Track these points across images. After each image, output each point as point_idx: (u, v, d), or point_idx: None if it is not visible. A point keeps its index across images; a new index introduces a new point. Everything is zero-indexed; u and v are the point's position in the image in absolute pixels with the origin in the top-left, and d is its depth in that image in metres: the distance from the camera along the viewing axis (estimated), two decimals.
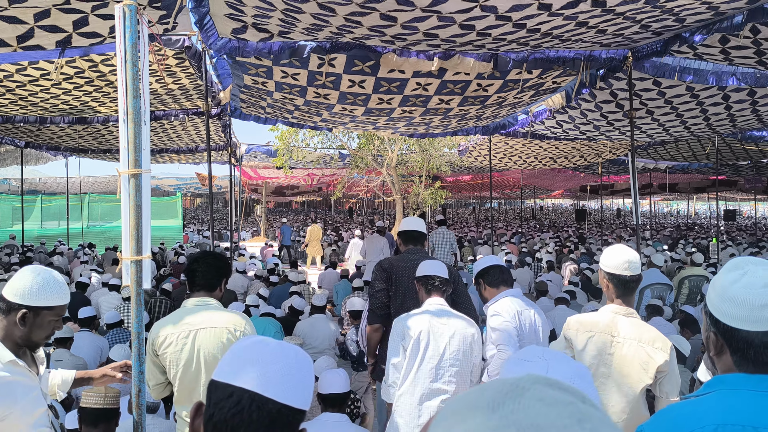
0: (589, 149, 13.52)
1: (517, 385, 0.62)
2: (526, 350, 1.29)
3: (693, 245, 15.63)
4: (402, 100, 7.42)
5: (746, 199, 34.67)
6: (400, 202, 16.69)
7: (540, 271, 11.07)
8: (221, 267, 3.09)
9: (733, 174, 20.54)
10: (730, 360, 1.47)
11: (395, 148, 15.30)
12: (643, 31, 5.28)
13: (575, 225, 28.18)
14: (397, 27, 5.13)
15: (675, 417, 1.45)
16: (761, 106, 8.42)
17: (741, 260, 1.50)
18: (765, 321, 1.40)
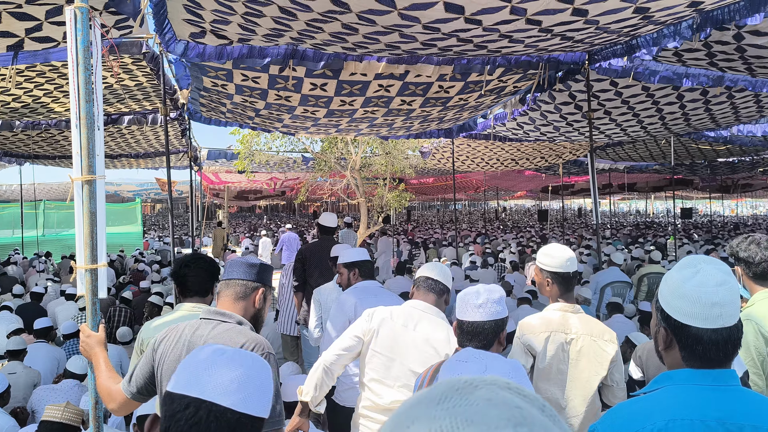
0: (550, 150, 13.73)
1: (470, 383, 0.64)
2: (464, 352, 1.31)
3: (651, 243, 16.00)
4: (364, 101, 7.41)
5: (702, 197, 35.73)
6: (364, 205, 16.67)
7: (504, 272, 11.18)
8: (213, 271, 3.02)
9: (689, 173, 21.12)
10: (679, 355, 1.50)
11: (359, 150, 15.28)
12: (601, 32, 5.37)
13: (538, 225, 28.58)
14: (359, 36, 5.13)
15: (626, 414, 1.47)
16: (714, 105, 8.67)
17: (694, 259, 1.53)
18: (714, 318, 1.43)
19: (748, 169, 19.59)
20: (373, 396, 2.90)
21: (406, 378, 2.83)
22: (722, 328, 1.44)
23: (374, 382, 2.89)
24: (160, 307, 7.27)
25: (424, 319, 2.89)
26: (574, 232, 22.30)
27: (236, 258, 2.54)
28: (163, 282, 10.57)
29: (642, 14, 4.63)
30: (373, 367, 2.89)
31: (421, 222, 42.17)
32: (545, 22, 4.70)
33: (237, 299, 2.40)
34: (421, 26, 4.73)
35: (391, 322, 2.89)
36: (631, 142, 12.72)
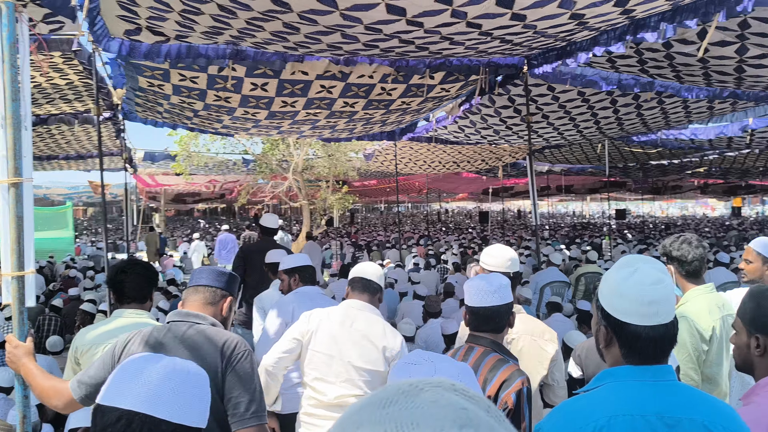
0: (490, 153, 13.98)
1: (417, 385, 0.64)
2: (413, 354, 1.31)
3: (588, 244, 16.52)
4: (306, 102, 7.35)
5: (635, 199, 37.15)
6: (307, 208, 16.54)
7: (446, 273, 11.30)
8: (151, 277, 2.97)
9: (623, 176, 21.93)
10: (619, 353, 1.54)
11: (301, 153, 15.15)
12: (538, 36, 5.50)
13: (479, 227, 29.07)
14: (300, 36, 5.08)
15: (570, 412, 1.50)
16: (645, 110, 9.02)
17: (632, 258, 1.57)
18: (652, 316, 1.48)
19: (677, 171, 20.51)
20: (317, 394, 2.95)
21: (347, 373, 2.89)
22: (659, 325, 1.49)
23: (317, 381, 2.95)
24: (93, 315, 6.99)
25: (360, 316, 2.99)
26: (514, 233, 22.79)
27: (207, 266, 2.52)
28: (97, 289, 10.16)
29: (577, 20, 4.76)
30: (315, 367, 2.95)
31: (365, 224, 42.18)
32: (485, 25, 4.77)
33: (205, 305, 2.38)
34: (363, 27, 4.73)
35: (328, 321, 2.97)
36: (567, 146, 13.11)
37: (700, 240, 3.00)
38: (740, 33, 5.25)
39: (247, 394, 2.20)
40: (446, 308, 7.10)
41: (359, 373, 2.90)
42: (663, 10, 4.78)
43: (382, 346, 2.91)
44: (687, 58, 6.16)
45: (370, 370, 2.90)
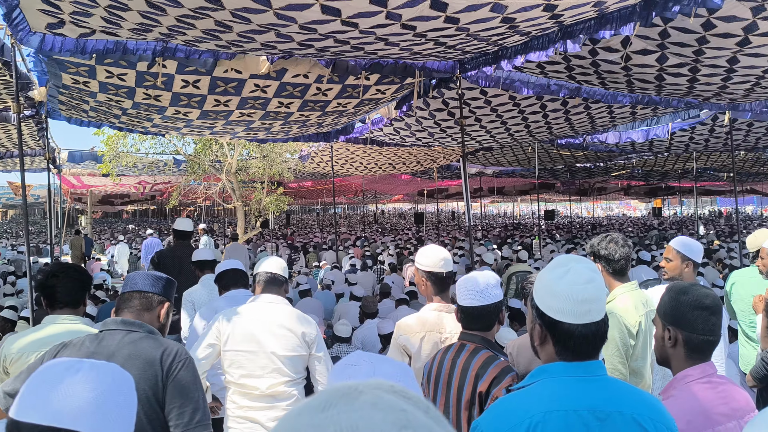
0: (425, 155, 14.14)
1: (356, 388, 0.64)
2: (352, 355, 1.31)
3: (519, 243, 16.94)
4: (240, 102, 7.22)
5: (562, 200, 38.43)
6: (241, 209, 16.25)
7: (383, 274, 11.35)
8: (85, 281, 2.89)
9: (551, 177, 22.65)
10: (553, 350, 1.59)
11: (235, 153, 14.87)
12: (471, 39, 5.60)
13: (414, 228, 29.36)
14: (233, 34, 4.99)
15: (506, 408, 1.54)
16: (573, 115, 9.35)
17: (565, 258, 1.63)
18: (584, 314, 1.53)
19: (602, 173, 21.37)
20: (248, 390, 3.04)
21: (273, 363, 3.03)
22: (591, 323, 1.55)
23: (245, 378, 3.04)
24: (14, 322, 6.63)
25: (274, 308, 3.14)
26: (448, 234, 23.13)
27: (142, 271, 2.43)
28: (18, 295, 9.64)
29: (508, 24, 4.88)
30: (240, 365, 3.04)
31: (301, 226, 41.84)
32: (419, 27, 4.83)
33: (141, 312, 2.30)
34: (298, 26, 4.69)
35: (244, 320, 3.07)
36: (499, 148, 13.42)
37: (625, 239, 3.13)
38: (660, 42, 5.52)
39: (191, 403, 2.15)
40: (383, 308, 7.13)
41: (284, 362, 3.05)
42: (590, 17, 4.96)
43: (301, 332, 3.10)
44: (611, 66, 6.42)
45: (293, 356, 3.07)
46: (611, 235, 3.13)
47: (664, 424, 1.53)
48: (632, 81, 6.98)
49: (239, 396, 3.06)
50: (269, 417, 3.01)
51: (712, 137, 11.86)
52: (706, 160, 16.78)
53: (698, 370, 1.91)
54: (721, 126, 10.39)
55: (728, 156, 14.81)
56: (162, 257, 6.05)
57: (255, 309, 3.13)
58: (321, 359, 3.19)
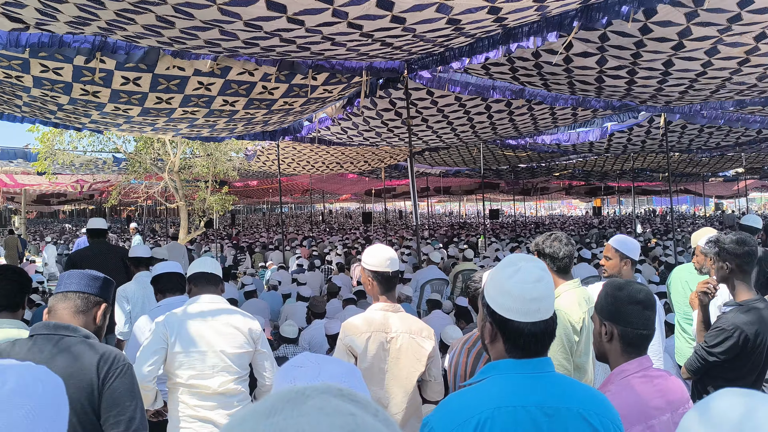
0: (373, 155, 14.16)
1: (302, 392, 0.62)
2: (298, 357, 1.29)
3: (465, 242, 17.17)
4: (183, 99, 7.04)
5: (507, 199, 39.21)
6: (184, 209, 15.87)
7: (330, 274, 11.30)
8: (24, 282, 2.75)
9: (496, 177, 23.06)
10: (503, 347, 1.61)
11: (178, 151, 14.50)
12: (417, 40, 5.63)
13: (362, 227, 29.36)
14: (176, 30, 4.86)
15: (457, 405, 1.55)
16: (516, 116, 9.54)
17: (515, 257, 1.65)
18: (533, 313, 1.56)
19: (545, 174, 21.90)
20: (199, 389, 3.06)
21: (222, 362, 3.08)
22: (540, 321, 1.58)
23: (194, 378, 3.05)
24: None
25: (215, 307, 3.18)
26: (396, 233, 23.23)
27: (77, 270, 2.30)
28: None
29: (454, 25, 4.93)
30: (190, 366, 3.05)
31: (247, 226, 41.20)
32: (366, 26, 4.82)
33: (76, 314, 2.19)
34: (243, 23, 4.61)
35: (189, 321, 3.09)
36: (446, 148, 13.58)
37: (568, 238, 3.20)
38: (600, 45, 5.69)
39: (127, 412, 2.08)
40: (330, 308, 7.09)
41: (233, 360, 3.10)
42: (533, 21, 5.06)
43: (248, 329, 3.17)
44: (554, 68, 6.58)
45: (241, 354, 3.14)
46: (555, 234, 3.19)
47: (608, 418, 1.57)
48: (574, 83, 7.18)
49: (189, 396, 3.06)
50: (222, 414, 3.07)
51: (648, 139, 12.32)
52: (643, 161, 17.42)
53: (634, 364, 1.97)
54: (657, 128, 10.81)
55: (663, 157, 15.41)
56: (80, 257, 5.84)
57: (198, 310, 3.14)
58: (266, 354, 3.27)
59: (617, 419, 1.60)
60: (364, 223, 25.35)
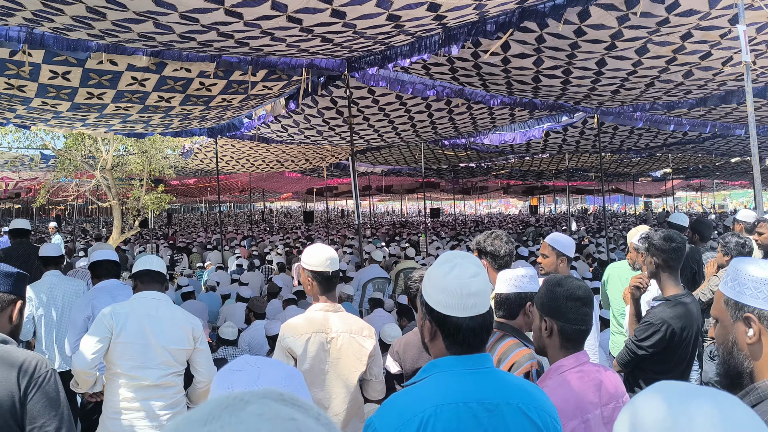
0: (314, 153, 14.06)
1: (241, 398, 0.60)
2: (237, 360, 1.26)
3: (406, 241, 17.28)
4: (116, 95, 6.78)
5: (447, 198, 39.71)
6: (117, 208, 15.32)
7: (271, 274, 11.15)
8: None
9: (437, 177, 23.31)
10: (443, 344, 1.62)
11: (110, 148, 13.98)
12: (358, 37, 5.61)
13: (304, 226, 29.12)
14: (107, 23, 4.67)
15: (399, 404, 1.55)
16: (456, 116, 9.66)
17: (451, 254, 1.66)
18: (471, 307, 1.57)
19: (484, 173, 22.30)
20: (138, 380, 3.19)
21: (162, 356, 3.23)
22: (478, 316, 1.59)
23: (136, 369, 3.19)
24: None
25: (161, 305, 3.34)
26: (338, 232, 23.16)
27: None
28: None
29: (394, 22, 4.93)
30: (131, 356, 3.18)
31: (184, 225, 40.24)
32: (306, 21, 4.76)
33: None
34: (179, 15, 4.47)
35: (135, 314, 3.24)
36: (387, 147, 13.62)
37: (508, 236, 3.26)
38: (537, 47, 5.83)
39: (54, 421, 1.98)
40: (271, 309, 6.99)
41: (173, 354, 3.26)
42: (472, 21, 5.13)
43: (190, 327, 3.33)
44: (492, 68, 6.70)
45: (181, 350, 3.30)
46: (496, 232, 3.24)
47: (546, 412, 1.60)
48: (511, 83, 7.32)
49: (127, 386, 3.19)
50: (158, 406, 3.22)
51: (582, 139, 12.73)
52: (577, 161, 17.99)
53: (572, 359, 2.03)
54: (591, 129, 11.17)
55: (596, 157, 15.95)
56: (1, 258, 5.82)
57: (143, 305, 3.29)
58: (203, 353, 3.42)
59: (554, 413, 1.64)
60: (306, 222, 25.17)
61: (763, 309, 1.42)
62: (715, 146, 14.68)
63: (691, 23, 5.08)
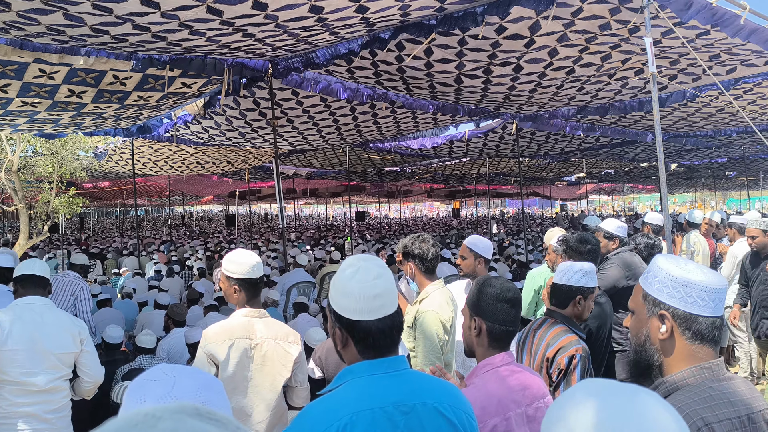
0: (236, 155, 13.76)
1: (153, 414, 0.57)
2: (152, 370, 1.19)
3: (331, 244, 17.21)
4: (21, 88, 6.36)
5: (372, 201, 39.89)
6: (25, 212, 14.42)
7: (191, 279, 10.81)
8: None
9: (362, 180, 23.36)
10: (355, 350, 1.60)
11: (17, 149, 13.16)
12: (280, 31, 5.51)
13: (226, 230, 28.45)
14: (11, 14, 4.38)
15: (315, 414, 1.52)
16: (380, 119, 9.71)
17: (353, 258, 1.65)
18: (378, 309, 1.56)
19: (408, 177, 22.54)
20: (27, 386, 3.17)
21: (49, 361, 3.24)
22: (386, 317, 1.58)
23: (23, 375, 3.17)
24: None
25: (45, 310, 3.33)
26: (262, 236, 22.78)
27: None
28: None
29: (317, 14, 4.83)
30: (19, 364, 3.16)
31: (98, 230, 38.55)
32: (227, 12, 4.62)
33: None
34: (90, 5, 4.23)
35: (20, 320, 3.21)
36: (312, 150, 13.52)
37: (434, 239, 3.29)
38: (459, 50, 5.93)
39: None
40: (191, 316, 6.77)
41: (60, 358, 3.28)
42: (397, 24, 5.15)
43: (77, 331, 3.37)
44: (416, 72, 6.77)
45: (68, 353, 3.33)
46: (422, 236, 3.27)
47: (462, 410, 1.62)
48: (434, 86, 7.43)
49: (13, 393, 3.16)
50: (45, 410, 3.23)
51: (502, 144, 13.10)
52: (497, 165, 18.50)
53: (498, 358, 2.07)
54: (510, 134, 11.52)
55: (515, 162, 16.45)
56: None
57: (28, 310, 3.27)
58: (90, 354, 3.46)
59: (470, 411, 1.65)
60: (228, 226, 24.61)
61: (678, 308, 1.48)
62: (625, 152, 15.48)
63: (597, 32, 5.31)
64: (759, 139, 11.75)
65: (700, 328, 1.47)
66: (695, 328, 1.48)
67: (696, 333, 1.48)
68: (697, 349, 1.48)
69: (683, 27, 5.05)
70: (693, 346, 1.49)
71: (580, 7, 4.78)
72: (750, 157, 17.27)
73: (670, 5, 4.44)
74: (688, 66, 6.62)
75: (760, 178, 24.08)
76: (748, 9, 4.69)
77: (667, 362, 1.52)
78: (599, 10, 4.89)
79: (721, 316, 1.51)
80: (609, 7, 4.83)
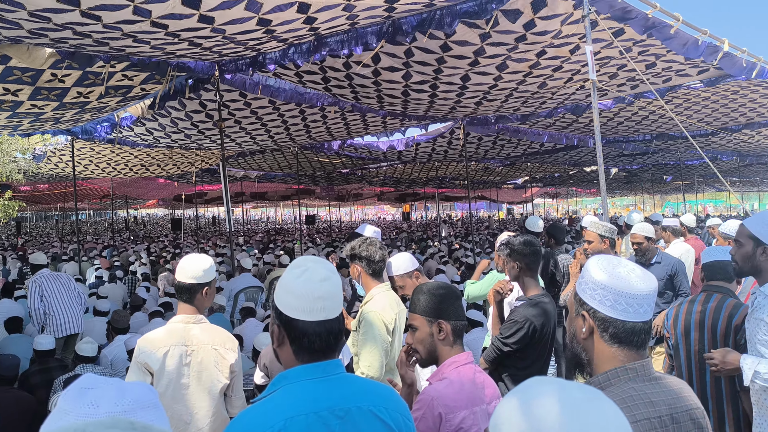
0: (182, 158, 13.49)
1: (83, 430, 0.57)
2: (86, 377, 1.15)
3: (281, 248, 17.06)
4: None
5: (323, 205, 39.72)
6: None
7: (135, 285, 10.53)
8: None
9: (312, 183, 23.24)
10: (290, 350, 1.60)
11: None
12: (228, 42, 5.46)
13: (172, 234, 27.81)
14: None
15: (247, 421, 1.51)
16: (330, 121, 9.71)
17: (303, 259, 1.66)
18: (318, 311, 1.57)
19: (359, 180, 22.57)
20: None
21: None
22: (326, 320, 1.59)
23: None
24: None
25: None
26: (209, 241, 22.38)
27: None
28: None
29: (265, 26, 4.83)
30: None
31: (36, 235, 37.07)
32: (172, 26, 4.57)
33: None
34: (27, 13, 4.10)
35: None
36: (261, 152, 13.38)
37: (381, 242, 3.32)
38: (406, 61, 6.00)
39: None
40: (135, 323, 6.60)
41: None
42: (344, 30, 5.18)
43: None
44: (364, 80, 6.80)
45: None
46: (370, 239, 3.29)
47: (398, 412, 1.64)
48: (382, 96, 7.48)
49: None
50: None
51: (450, 148, 13.28)
52: (446, 169, 18.72)
53: (463, 357, 2.14)
54: (458, 139, 11.69)
55: (463, 166, 16.69)
56: None
57: None
58: None
59: (407, 412, 1.68)
60: (174, 230, 24.07)
61: (598, 310, 1.54)
62: (567, 156, 15.93)
63: (545, 41, 5.48)
64: (692, 144, 12.29)
65: (617, 331, 1.51)
66: (612, 331, 1.52)
67: (613, 336, 1.52)
68: (617, 351, 1.53)
69: (620, 39, 5.26)
70: (612, 348, 1.53)
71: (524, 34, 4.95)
72: (686, 163, 18.06)
73: (610, 12, 4.63)
74: (626, 81, 6.90)
75: (695, 183, 25.18)
76: (681, 20, 4.95)
77: (595, 363, 1.58)
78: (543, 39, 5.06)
79: (645, 321, 1.52)
80: (552, 35, 5.02)
